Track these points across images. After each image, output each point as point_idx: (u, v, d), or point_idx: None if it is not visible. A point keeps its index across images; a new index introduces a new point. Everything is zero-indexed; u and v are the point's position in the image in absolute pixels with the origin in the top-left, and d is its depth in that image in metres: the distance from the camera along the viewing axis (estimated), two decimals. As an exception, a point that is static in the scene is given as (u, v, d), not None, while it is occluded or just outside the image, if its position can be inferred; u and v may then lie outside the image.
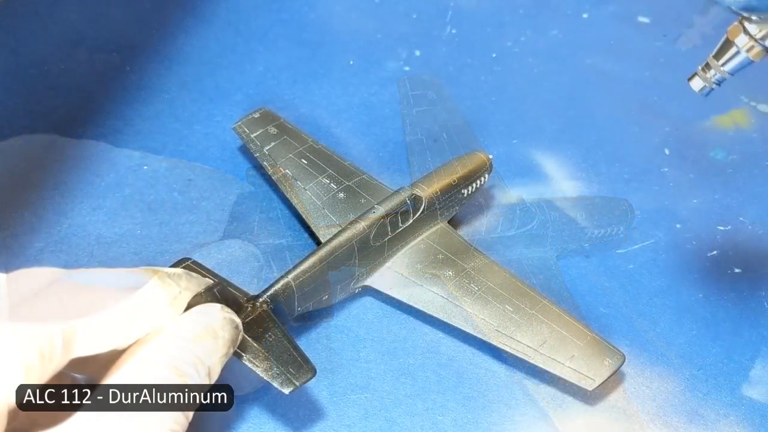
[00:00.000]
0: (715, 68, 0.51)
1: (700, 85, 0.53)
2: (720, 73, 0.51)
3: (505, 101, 0.92)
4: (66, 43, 0.93)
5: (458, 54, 0.98)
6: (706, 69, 0.52)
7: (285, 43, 0.97)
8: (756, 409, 0.63)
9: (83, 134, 0.82)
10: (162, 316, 0.43)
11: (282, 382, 0.51)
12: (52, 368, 0.37)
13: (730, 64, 0.50)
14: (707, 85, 0.53)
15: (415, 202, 0.67)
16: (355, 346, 0.65)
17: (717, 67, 0.51)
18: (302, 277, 0.59)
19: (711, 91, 0.53)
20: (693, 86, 0.53)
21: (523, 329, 0.62)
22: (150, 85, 0.89)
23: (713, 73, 0.52)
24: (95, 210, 0.74)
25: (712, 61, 0.51)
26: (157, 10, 1.00)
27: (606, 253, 0.75)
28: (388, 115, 0.88)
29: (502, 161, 0.82)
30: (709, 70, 0.52)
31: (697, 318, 0.69)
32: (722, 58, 0.51)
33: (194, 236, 0.72)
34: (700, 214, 0.79)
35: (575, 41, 1.02)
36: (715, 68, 0.51)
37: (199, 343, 0.44)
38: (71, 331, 0.38)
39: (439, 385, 0.62)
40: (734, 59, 0.50)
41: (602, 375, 0.59)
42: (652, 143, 0.88)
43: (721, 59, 0.51)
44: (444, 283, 0.65)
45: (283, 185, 0.74)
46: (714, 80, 0.52)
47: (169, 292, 0.44)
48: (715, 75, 0.52)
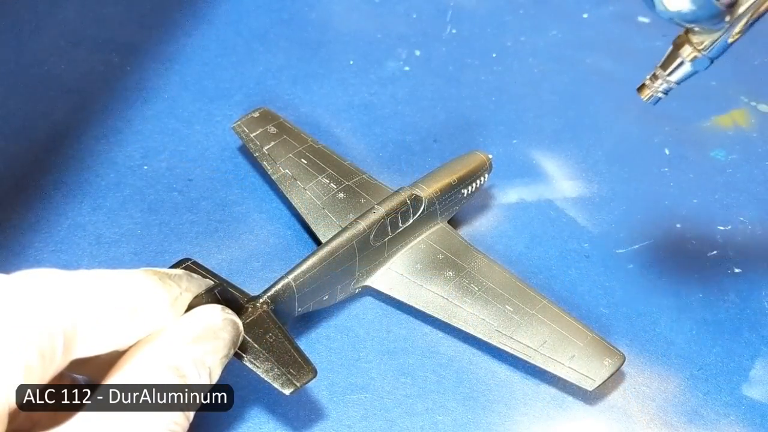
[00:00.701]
0: (662, 78, 0.52)
1: (648, 95, 0.54)
2: (667, 83, 0.53)
3: (505, 101, 0.92)
4: (66, 43, 0.93)
5: (458, 54, 0.98)
6: (654, 79, 0.53)
7: (285, 43, 0.97)
8: (756, 409, 0.63)
9: (83, 134, 0.82)
10: (163, 318, 0.43)
11: (283, 383, 0.51)
12: (53, 369, 0.37)
13: (676, 74, 0.52)
14: (654, 94, 0.54)
15: (415, 202, 0.67)
16: (355, 346, 0.65)
17: (664, 77, 0.52)
18: (302, 278, 0.59)
19: (659, 100, 0.54)
20: (641, 96, 0.55)
21: (523, 329, 0.62)
22: (150, 85, 0.89)
23: (660, 83, 0.53)
24: (95, 210, 0.74)
25: (659, 71, 0.53)
26: (157, 10, 1.00)
27: (606, 253, 0.75)
28: (388, 115, 0.88)
29: (502, 161, 0.82)
30: (656, 80, 0.53)
31: (697, 318, 0.69)
32: (669, 68, 0.52)
33: (194, 236, 0.72)
34: (700, 214, 0.79)
35: (575, 41, 1.02)
36: (662, 78, 0.53)
37: (199, 344, 0.44)
38: (72, 332, 0.38)
39: (439, 385, 0.62)
40: (680, 69, 0.51)
41: (602, 375, 0.59)
42: (652, 143, 0.88)
43: (667, 69, 0.52)
44: (444, 283, 0.65)
45: (282, 185, 0.74)
46: (661, 90, 0.53)
47: (170, 294, 0.44)
48: (662, 85, 0.53)
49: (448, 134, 0.87)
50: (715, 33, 0.48)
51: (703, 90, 0.95)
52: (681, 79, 0.52)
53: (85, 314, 0.39)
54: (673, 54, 0.51)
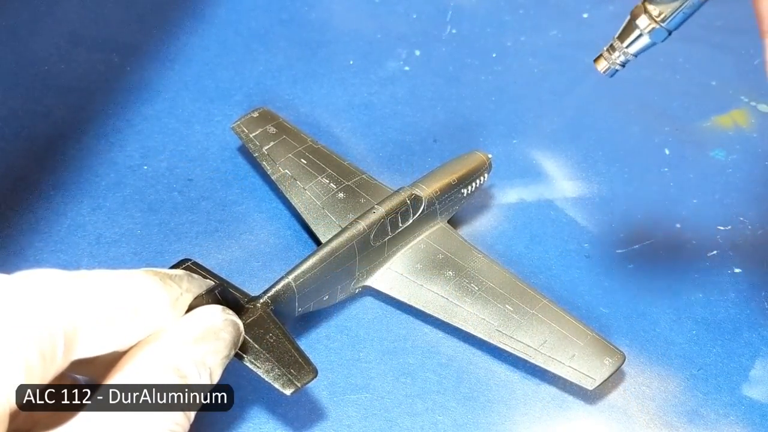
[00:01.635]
0: (620, 50, 0.52)
1: (605, 66, 0.53)
2: (624, 55, 0.52)
3: (505, 101, 0.92)
4: (66, 43, 0.93)
5: (458, 54, 0.98)
6: (611, 50, 0.52)
7: (285, 43, 0.97)
8: (756, 409, 0.63)
9: (83, 134, 0.82)
10: (164, 318, 0.43)
11: (284, 383, 0.51)
12: (54, 369, 0.37)
13: (634, 46, 0.51)
14: (612, 66, 0.53)
15: (415, 202, 0.67)
16: (355, 346, 0.65)
17: (621, 48, 0.51)
18: (303, 278, 0.59)
19: (616, 72, 0.53)
20: (598, 68, 0.54)
21: (523, 329, 0.62)
22: (150, 85, 0.89)
23: (617, 55, 0.52)
24: (95, 210, 0.74)
25: (616, 43, 0.52)
26: (157, 10, 1.00)
27: (606, 253, 0.75)
28: (388, 115, 0.88)
29: (502, 161, 0.82)
30: (613, 52, 0.52)
31: (696, 318, 0.69)
32: (626, 39, 0.51)
33: (194, 236, 0.72)
34: (700, 214, 0.79)
35: (575, 41, 1.02)
36: (619, 50, 0.52)
37: (200, 344, 0.44)
38: (73, 332, 0.38)
39: (439, 385, 0.62)
40: (638, 41, 0.50)
41: (603, 375, 0.60)
42: (652, 143, 0.88)
43: (625, 41, 0.51)
44: (444, 283, 0.65)
45: (282, 185, 0.74)
46: (619, 62, 0.52)
47: (170, 294, 0.44)
48: (620, 57, 0.52)
49: (448, 134, 0.87)
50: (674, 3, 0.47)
51: (703, 90, 0.95)
52: (639, 51, 0.51)
53: (86, 315, 0.39)
54: (630, 25, 0.50)
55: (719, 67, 0.98)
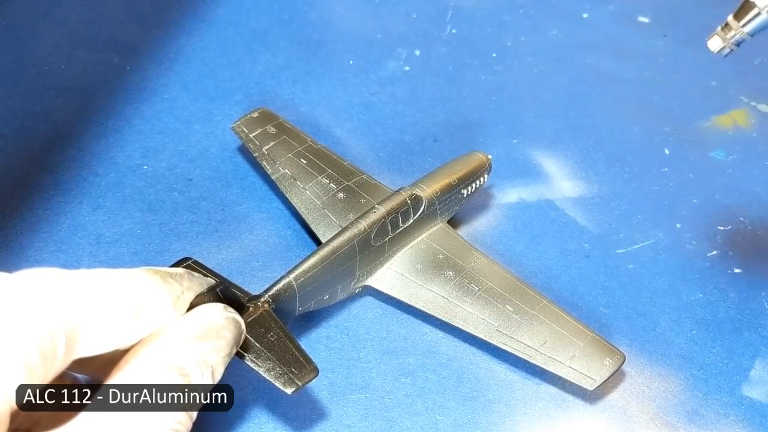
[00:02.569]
0: (735, 29, 0.49)
1: (719, 46, 0.51)
2: (740, 34, 0.49)
3: (505, 101, 0.92)
4: (66, 43, 0.93)
5: (458, 54, 0.98)
6: (726, 29, 0.50)
7: (285, 43, 0.97)
8: (756, 409, 0.63)
9: (83, 134, 0.82)
10: (165, 317, 0.43)
11: (284, 382, 0.51)
12: (55, 369, 0.37)
13: (750, 24, 0.49)
14: (726, 45, 0.51)
15: (415, 202, 0.67)
16: (355, 346, 0.65)
17: (737, 27, 0.49)
18: (304, 277, 0.59)
19: (730, 52, 0.51)
20: (711, 46, 0.51)
21: (523, 329, 0.62)
22: (150, 85, 0.89)
23: (733, 34, 0.50)
24: (95, 210, 0.74)
25: (732, 21, 0.49)
26: (157, 10, 1.00)
27: (606, 253, 0.75)
28: (388, 115, 0.88)
29: (502, 161, 0.82)
30: (729, 31, 0.50)
31: (696, 318, 0.69)
32: (743, 18, 0.49)
33: (194, 236, 0.72)
34: (700, 214, 0.79)
35: (575, 41, 1.02)
36: (735, 29, 0.49)
37: (202, 343, 0.44)
38: (73, 332, 0.38)
39: (439, 385, 0.62)
40: (755, 20, 0.48)
41: (603, 375, 0.60)
42: (652, 143, 0.88)
43: (741, 20, 0.49)
44: (444, 283, 0.65)
45: (282, 185, 0.74)
46: (733, 41, 0.50)
47: (171, 293, 0.44)
48: (735, 36, 0.50)
49: (448, 134, 0.87)
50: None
51: (703, 90, 0.95)
52: (755, 31, 0.49)
53: (87, 314, 0.39)
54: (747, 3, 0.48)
55: (719, 67, 0.98)
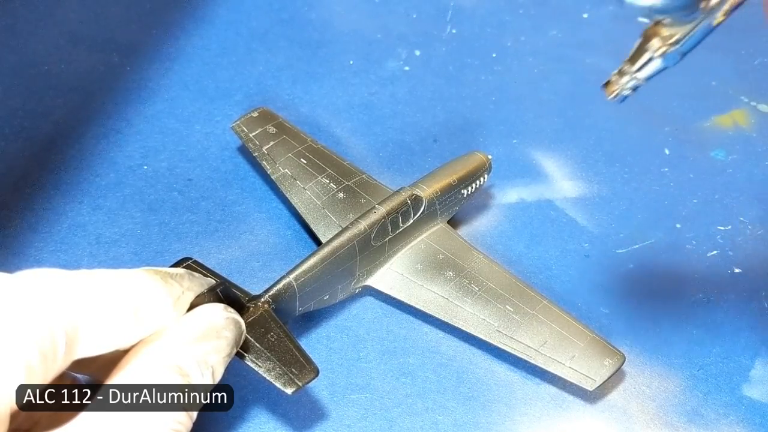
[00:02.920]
0: (630, 74, 0.48)
1: (614, 92, 0.49)
2: (635, 80, 0.48)
3: (505, 101, 0.92)
4: (66, 43, 0.93)
5: (458, 54, 0.98)
6: (620, 74, 0.48)
7: (285, 43, 0.97)
8: (756, 409, 0.63)
9: (83, 134, 0.82)
10: (165, 317, 0.43)
11: (285, 382, 0.51)
12: (55, 369, 0.37)
13: (645, 70, 0.47)
14: (621, 91, 0.49)
15: (415, 202, 0.67)
16: (355, 346, 0.65)
17: (631, 72, 0.48)
18: (304, 277, 0.59)
19: (625, 98, 0.50)
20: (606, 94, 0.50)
21: (523, 329, 0.62)
22: (150, 85, 0.89)
23: (627, 79, 0.48)
24: (95, 210, 0.74)
25: (626, 67, 0.48)
26: (157, 10, 1.00)
27: (606, 253, 0.75)
28: (388, 115, 0.88)
29: (502, 161, 0.82)
30: (623, 76, 0.48)
31: (696, 318, 0.69)
32: (636, 63, 0.47)
33: (194, 236, 0.72)
34: (700, 214, 0.79)
35: (575, 41, 1.02)
36: (629, 74, 0.48)
37: (202, 343, 0.44)
38: (74, 332, 0.38)
39: (439, 385, 0.62)
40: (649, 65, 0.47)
41: (603, 375, 0.60)
42: (652, 143, 0.88)
43: (635, 64, 0.47)
44: (444, 283, 0.65)
45: (282, 185, 0.74)
46: (629, 86, 0.49)
47: (172, 293, 0.44)
48: (630, 81, 0.48)
49: (448, 134, 0.87)
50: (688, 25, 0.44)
51: (703, 90, 0.95)
52: (650, 75, 0.48)
53: (87, 314, 0.39)
54: (641, 48, 0.47)
55: (719, 67, 0.98)
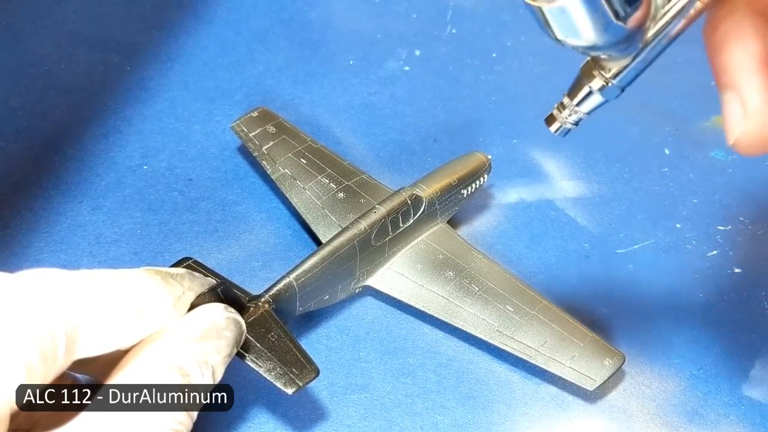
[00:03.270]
0: (570, 108, 0.47)
1: (557, 127, 0.48)
2: (576, 114, 0.47)
3: (505, 101, 0.92)
4: (66, 43, 0.93)
5: (458, 54, 0.98)
6: (561, 108, 0.47)
7: (285, 43, 0.97)
8: (756, 409, 0.63)
9: (83, 134, 0.82)
10: (166, 317, 0.43)
11: (285, 382, 0.51)
12: (55, 369, 0.37)
13: (585, 104, 0.46)
14: (563, 125, 0.48)
15: (415, 202, 0.67)
16: (355, 346, 0.65)
17: (572, 107, 0.46)
18: (304, 277, 0.59)
19: (568, 132, 0.48)
20: (550, 128, 0.49)
21: (523, 329, 0.62)
22: (150, 85, 0.89)
23: (568, 113, 0.47)
24: (95, 210, 0.74)
25: (566, 101, 0.46)
26: (157, 10, 1.00)
27: (606, 253, 0.75)
28: (388, 115, 0.88)
29: (502, 161, 0.82)
30: (563, 110, 0.47)
31: (696, 318, 0.69)
32: (576, 97, 0.46)
33: (194, 236, 0.72)
34: (700, 214, 0.79)
35: (575, 41, 1.01)
36: (569, 108, 0.47)
37: (203, 343, 0.44)
38: (74, 332, 0.38)
39: (439, 385, 0.62)
40: (589, 99, 0.45)
41: (603, 375, 0.60)
42: (652, 143, 0.88)
43: (575, 99, 0.46)
44: (444, 283, 0.65)
45: (282, 185, 0.74)
46: (571, 121, 0.47)
47: (172, 293, 0.44)
48: (571, 115, 0.47)
49: (448, 134, 0.87)
50: (625, 59, 0.43)
51: (703, 90, 0.95)
52: (591, 110, 0.46)
53: (88, 314, 0.39)
54: (580, 82, 0.45)
55: (719, 68, 0.98)
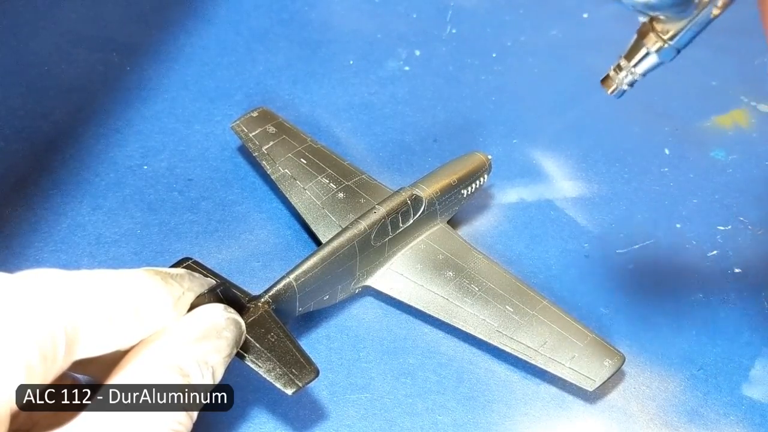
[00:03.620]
0: (627, 69, 0.49)
1: (612, 87, 0.50)
2: (632, 75, 0.49)
3: (505, 101, 0.92)
4: (66, 43, 0.93)
5: (458, 54, 0.98)
6: (618, 70, 0.49)
7: (285, 43, 0.97)
8: (756, 409, 0.63)
9: (83, 134, 0.82)
10: (166, 317, 0.43)
11: (285, 382, 0.51)
12: (55, 369, 0.37)
13: (641, 65, 0.48)
14: (619, 86, 0.50)
15: (415, 203, 0.67)
16: (355, 346, 0.65)
17: (628, 68, 0.49)
18: (304, 277, 0.59)
19: (623, 93, 0.51)
20: (605, 88, 0.51)
21: (523, 330, 0.62)
22: (150, 85, 0.89)
23: (625, 75, 0.49)
24: (95, 210, 0.74)
25: (623, 62, 0.49)
26: (157, 10, 1.00)
27: (606, 253, 0.75)
28: (388, 115, 0.88)
29: (502, 161, 0.82)
30: (620, 72, 0.49)
31: (697, 318, 0.69)
32: (633, 58, 0.48)
33: (194, 236, 0.72)
34: (700, 214, 0.79)
35: (575, 41, 1.02)
36: (626, 69, 0.49)
37: (203, 343, 0.44)
38: (74, 332, 0.38)
39: (439, 385, 0.62)
40: (645, 60, 0.47)
41: (602, 376, 0.60)
42: (652, 143, 0.88)
43: (632, 60, 0.48)
44: (444, 283, 0.65)
45: (282, 185, 0.73)
46: (626, 82, 0.50)
47: (172, 293, 0.44)
48: (627, 77, 0.49)
49: (448, 134, 0.87)
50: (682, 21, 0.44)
51: (703, 90, 0.95)
52: (647, 71, 0.48)
53: (88, 314, 0.39)
54: (637, 44, 0.47)
55: (719, 68, 0.98)
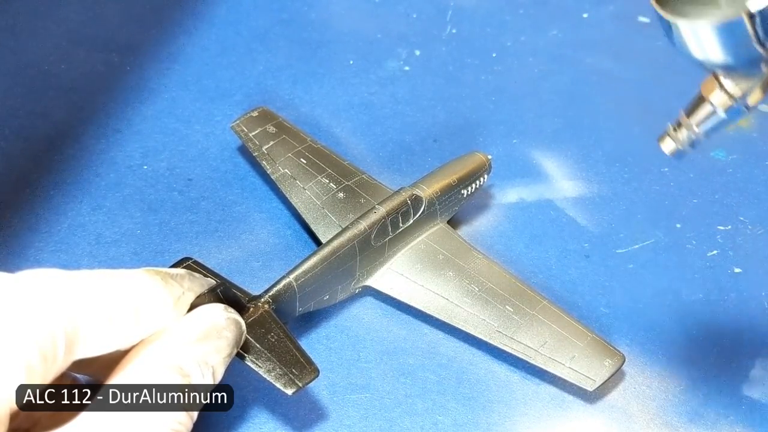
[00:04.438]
0: (688, 128, 0.43)
1: (671, 147, 0.44)
2: (694, 134, 0.43)
3: (505, 101, 0.92)
4: (66, 43, 0.93)
5: (458, 54, 0.98)
6: (677, 128, 0.44)
7: (285, 43, 0.97)
8: (756, 409, 0.63)
9: (83, 134, 0.82)
10: (166, 317, 0.43)
11: (285, 383, 0.51)
12: (55, 369, 0.37)
13: (705, 124, 0.42)
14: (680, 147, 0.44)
15: (415, 203, 0.67)
16: (355, 346, 0.65)
17: (690, 127, 0.43)
18: (304, 278, 0.59)
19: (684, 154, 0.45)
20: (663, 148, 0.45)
21: (523, 330, 0.62)
22: (150, 85, 0.89)
23: (687, 134, 0.43)
24: (95, 210, 0.74)
25: (683, 119, 0.43)
26: (157, 10, 1.00)
27: (606, 253, 0.75)
28: (388, 115, 0.88)
29: (502, 161, 0.82)
30: (680, 129, 0.43)
31: (697, 318, 0.69)
32: (696, 116, 0.42)
33: (194, 236, 0.72)
34: (700, 214, 0.79)
35: (575, 41, 1.02)
36: (687, 127, 0.43)
37: (203, 343, 0.44)
38: (74, 332, 0.38)
39: (439, 385, 0.62)
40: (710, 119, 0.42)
41: (602, 376, 0.60)
42: (652, 143, 0.87)
43: (694, 117, 0.42)
44: (444, 283, 0.65)
45: (282, 185, 0.73)
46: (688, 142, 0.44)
47: (172, 293, 0.44)
48: (689, 136, 0.43)
49: (448, 134, 0.87)
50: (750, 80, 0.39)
51: (703, 90, 0.95)
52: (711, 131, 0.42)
53: (88, 314, 0.39)
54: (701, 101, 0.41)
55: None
